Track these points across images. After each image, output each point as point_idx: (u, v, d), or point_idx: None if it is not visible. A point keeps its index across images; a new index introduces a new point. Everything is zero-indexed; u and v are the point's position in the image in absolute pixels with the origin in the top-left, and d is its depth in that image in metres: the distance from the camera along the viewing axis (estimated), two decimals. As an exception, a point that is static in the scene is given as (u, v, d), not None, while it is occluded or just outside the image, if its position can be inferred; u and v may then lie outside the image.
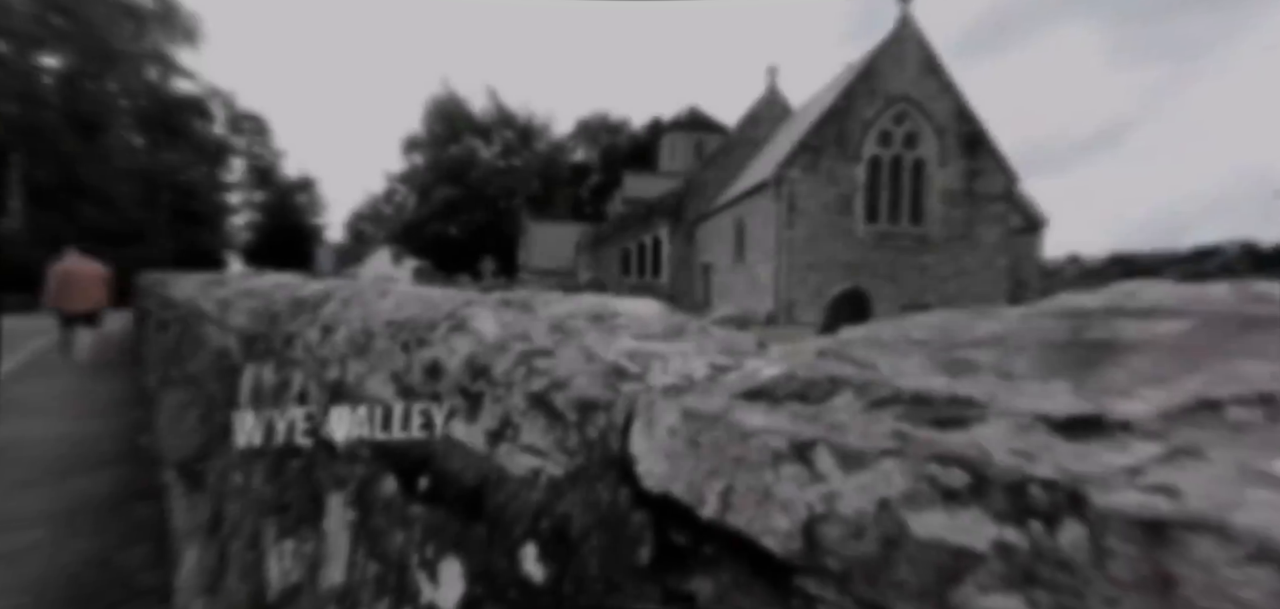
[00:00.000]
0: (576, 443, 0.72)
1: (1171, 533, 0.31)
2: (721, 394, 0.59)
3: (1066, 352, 0.52)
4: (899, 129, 19.06)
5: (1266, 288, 0.60)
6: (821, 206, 18.83)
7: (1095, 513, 0.34)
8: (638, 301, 1.13)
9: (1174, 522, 0.31)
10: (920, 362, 0.56)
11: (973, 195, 19.04)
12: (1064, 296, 0.66)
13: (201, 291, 4.85)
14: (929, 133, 18.94)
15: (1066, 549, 0.35)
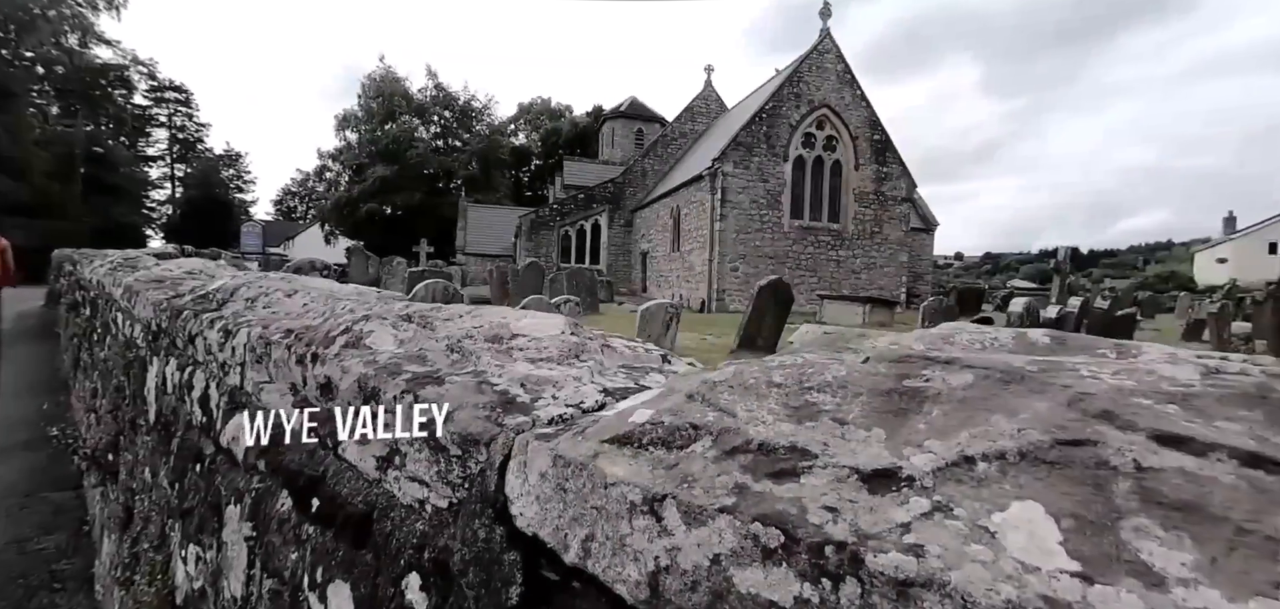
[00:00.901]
0: (459, 476, 0.74)
1: (913, 591, 0.37)
2: (593, 438, 0.62)
3: (889, 399, 0.59)
4: (820, 133, 20.20)
5: (1036, 337, 0.70)
6: (752, 201, 19.53)
7: (867, 572, 0.40)
8: (540, 318, 1.14)
9: (915, 581, 0.38)
10: (775, 405, 0.62)
11: (881, 197, 20.63)
12: (900, 339, 0.74)
13: (111, 275, 4.48)
14: (846, 138, 20.18)
15: (845, 606, 0.40)
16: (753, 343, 9.47)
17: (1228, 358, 0.61)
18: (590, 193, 28.52)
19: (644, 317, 8.72)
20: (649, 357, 1.24)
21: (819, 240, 20.36)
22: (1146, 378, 0.54)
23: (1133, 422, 0.46)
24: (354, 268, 22.88)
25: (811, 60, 20.31)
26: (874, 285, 20.02)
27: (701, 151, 24.33)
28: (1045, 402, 0.51)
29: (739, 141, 19.62)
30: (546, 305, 9.72)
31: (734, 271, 19.40)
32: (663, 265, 24.24)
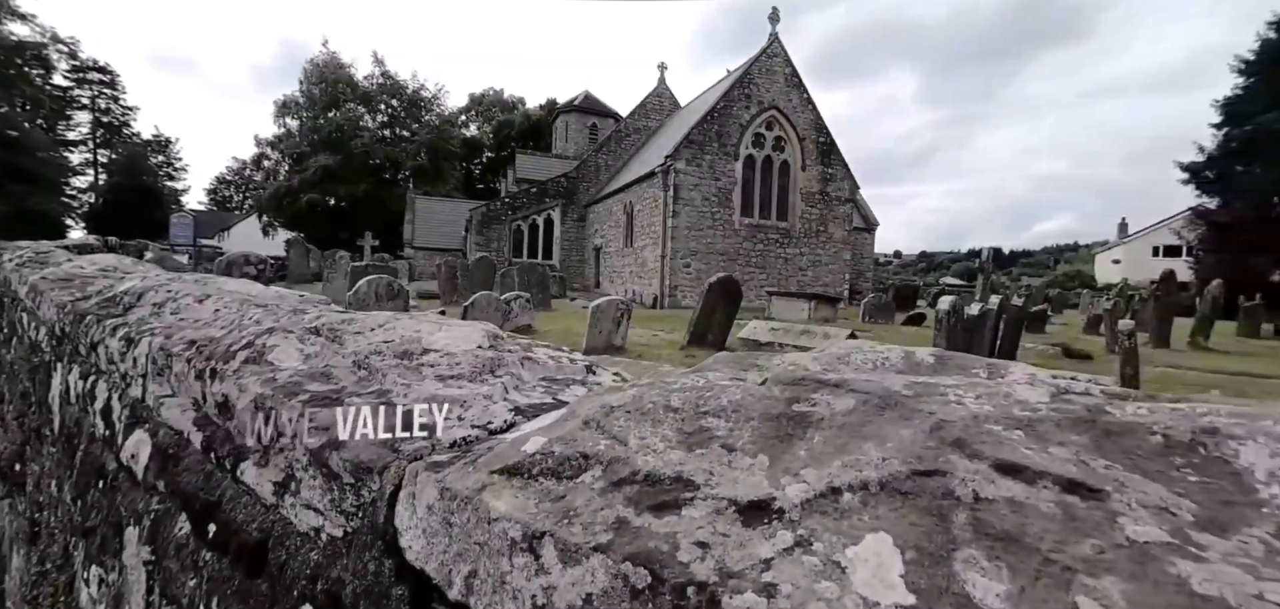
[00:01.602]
0: (353, 505, 0.71)
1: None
2: (483, 469, 0.62)
3: (778, 424, 0.61)
4: (770, 134, 20.69)
5: (923, 356, 0.74)
6: (704, 198, 19.79)
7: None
8: (457, 329, 1.11)
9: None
10: (669, 431, 0.63)
11: (826, 197, 21.35)
12: (799, 358, 0.77)
13: (18, 272, 4.13)
14: (794, 139, 20.73)
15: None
16: (703, 338, 9.59)
17: (1076, 379, 0.66)
18: (543, 187, 28.20)
19: (595, 313, 8.69)
20: (572, 368, 1.24)
21: (768, 238, 20.81)
22: (1003, 402, 0.58)
23: (980, 451, 0.48)
24: (293, 261, 21.87)
25: (761, 63, 20.69)
26: (820, 282, 20.64)
27: (655, 148, 24.44)
28: (911, 429, 0.53)
29: (691, 139, 19.80)
30: (495, 302, 9.56)
31: (686, 268, 19.60)
32: (616, 261, 24.23)
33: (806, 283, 20.29)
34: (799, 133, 20.86)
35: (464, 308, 9.03)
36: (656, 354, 8.60)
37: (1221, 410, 0.53)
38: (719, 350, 9.63)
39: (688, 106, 27.15)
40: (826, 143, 21.28)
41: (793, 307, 16.23)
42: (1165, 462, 0.48)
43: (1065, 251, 71.27)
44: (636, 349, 8.90)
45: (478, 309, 9.00)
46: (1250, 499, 0.44)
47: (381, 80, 44.49)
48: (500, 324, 9.51)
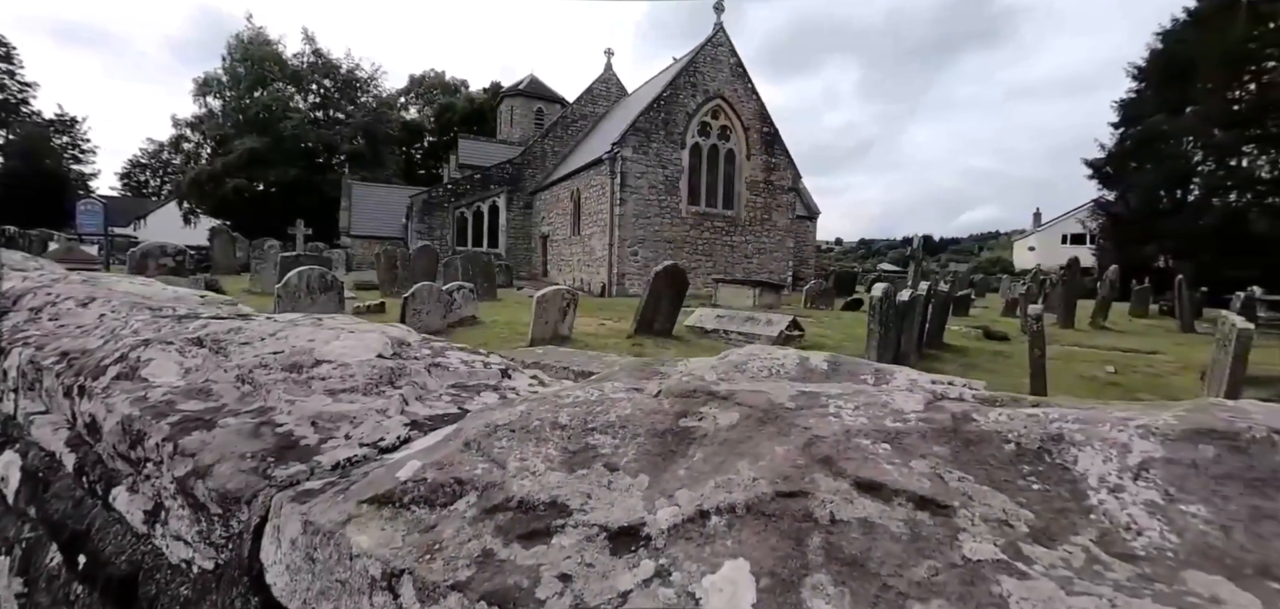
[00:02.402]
0: (222, 537, 0.67)
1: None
2: (353, 498, 0.58)
3: (664, 440, 0.61)
4: (716, 123, 20.94)
5: (817, 362, 0.76)
6: (650, 186, 19.83)
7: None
8: (356, 338, 1.06)
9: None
10: (553, 450, 0.61)
11: (770, 186, 21.86)
12: (694, 369, 0.77)
13: None
14: (739, 129, 21.05)
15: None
16: (650, 327, 9.64)
17: (953, 383, 0.69)
18: (488, 173, 27.52)
19: (540, 303, 8.58)
20: (486, 373, 1.20)
21: (714, 226, 21.08)
22: (879, 412, 0.60)
23: (844, 469, 0.50)
24: (218, 252, 20.57)
25: (706, 52, 20.82)
26: (765, 269, 21.12)
27: (602, 135, 24.26)
28: (786, 445, 0.54)
29: (638, 127, 19.76)
30: (437, 293, 9.29)
31: (634, 256, 19.61)
32: (563, 249, 23.99)
33: (752, 270, 20.72)
34: (744, 122, 21.18)
35: (404, 299, 8.73)
36: (603, 344, 8.59)
37: (1069, 416, 0.56)
38: (666, 338, 9.70)
39: (635, 94, 27.05)
40: (770, 133, 21.69)
41: (739, 294, 16.53)
42: (1015, 470, 0.50)
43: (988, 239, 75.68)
44: (583, 339, 8.86)
45: (418, 300, 8.73)
46: (1082, 506, 0.46)
47: (312, 58, 42.21)
48: (443, 315, 9.24)
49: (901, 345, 7.81)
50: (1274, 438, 0.48)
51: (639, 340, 8.92)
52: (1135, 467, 0.49)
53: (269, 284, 11.68)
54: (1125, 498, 0.46)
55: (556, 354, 6.79)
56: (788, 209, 22.40)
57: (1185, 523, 0.44)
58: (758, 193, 21.68)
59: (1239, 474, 0.46)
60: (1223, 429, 0.50)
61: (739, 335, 9.34)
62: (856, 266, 37.36)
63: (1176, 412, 0.54)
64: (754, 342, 8.75)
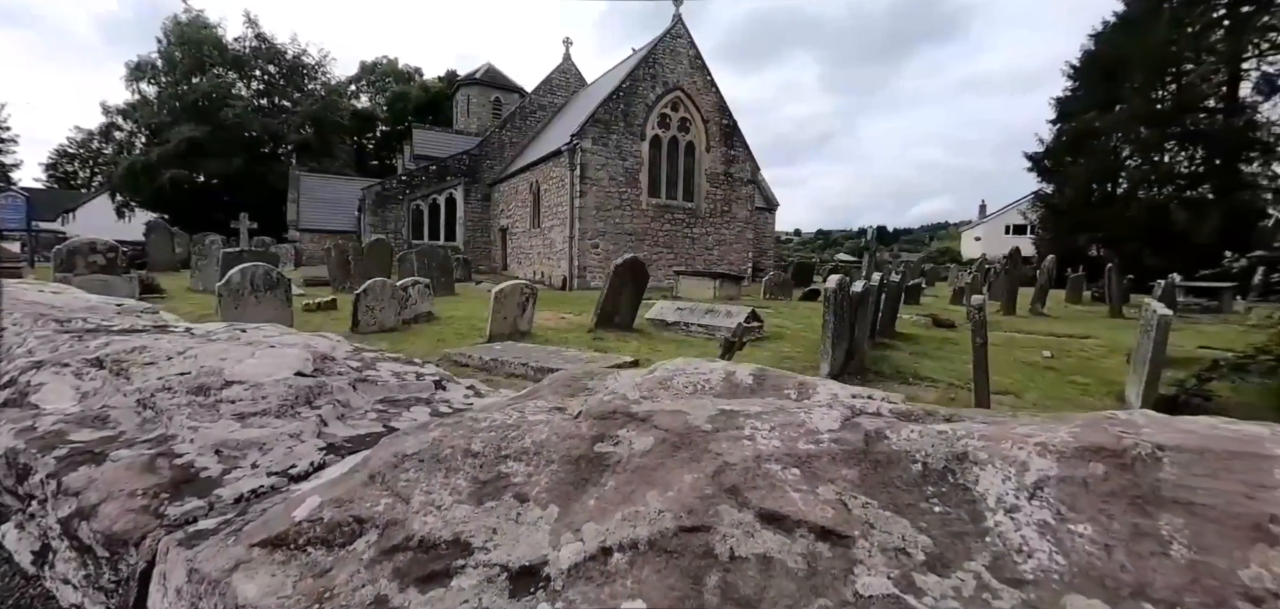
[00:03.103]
0: (111, 581, 0.62)
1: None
2: (244, 542, 0.55)
3: (577, 468, 0.59)
4: (675, 115, 21.00)
5: (742, 377, 0.76)
6: (611, 178, 19.76)
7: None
8: (274, 353, 1.01)
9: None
10: (463, 481, 0.59)
11: (730, 178, 22.10)
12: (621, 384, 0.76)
13: None
14: (698, 121, 21.18)
15: None
16: (611, 320, 9.62)
17: (872, 397, 0.70)
18: (444, 164, 26.88)
19: (498, 298, 8.44)
20: (419, 384, 1.16)
21: (675, 218, 21.17)
22: (795, 432, 0.60)
23: (749, 499, 0.49)
24: (155, 248, 19.47)
25: (665, 43, 20.81)
26: (725, 261, 21.35)
27: (561, 126, 24.00)
28: (695, 474, 0.54)
29: (597, 118, 19.62)
30: (391, 289, 9.02)
31: (595, 248, 19.52)
32: (523, 242, 23.69)
33: (712, 262, 20.91)
34: (703, 114, 21.28)
35: (356, 296, 8.45)
36: (563, 339, 8.52)
37: (975, 433, 0.57)
38: (627, 332, 9.69)
39: (594, 84, 26.85)
40: (729, 125, 21.87)
41: (699, 286, 16.66)
42: (919, 492, 0.51)
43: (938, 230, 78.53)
44: (543, 334, 8.77)
45: (372, 297, 8.46)
46: (978, 528, 0.47)
47: (255, 43, 40.26)
48: (397, 312, 8.98)
49: (855, 335, 8.01)
50: (1158, 454, 0.50)
51: (600, 334, 8.89)
52: (1031, 485, 0.50)
53: (211, 282, 11.12)
54: (1020, 518, 0.48)
55: (515, 350, 6.70)
56: (747, 201, 22.68)
57: (1072, 544, 0.45)
58: (717, 185, 21.87)
59: (1124, 491, 0.48)
60: (1111, 447, 0.52)
61: (699, 328, 9.42)
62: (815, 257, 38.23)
63: (1072, 428, 0.56)
64: (714, 334, 8.83)
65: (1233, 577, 0.40)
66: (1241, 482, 0.45)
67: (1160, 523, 0.45)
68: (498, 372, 5.87)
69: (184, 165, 35.33)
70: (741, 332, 9.08)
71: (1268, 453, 0.47)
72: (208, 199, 35.38)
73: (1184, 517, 0.44)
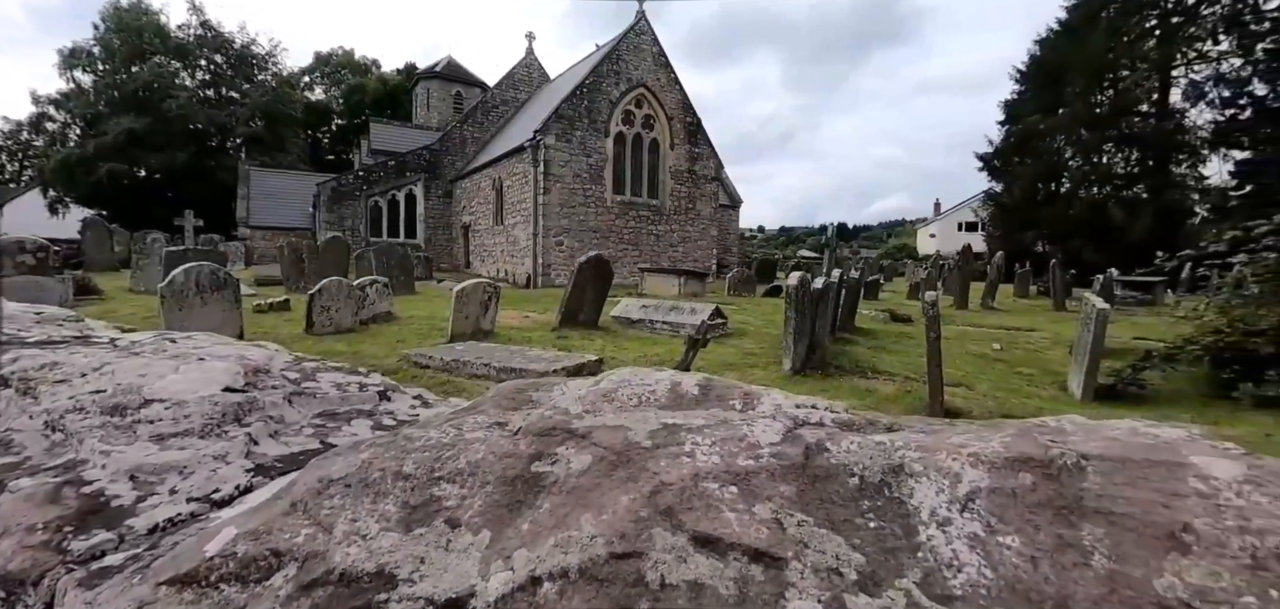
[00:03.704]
0: (1, 628, 0.57)
1: None
2: (151, 580, 0.51)
3: (513, 489, 0.57)
4: (639, 112, 21.02)
5: (688, 387, 0.75)
6: (575, 175, 19.65)
7: None
8: (201, 367, 0.95)
9: None
10: (392, 506, 0.56)
11: (694, 175, 22.31)
12: (564, 398, 0.74)
13: None
14: (662, 118, 21.26)
15: None
16: (575, 318, 9.56)
17: (815, 406, 0.70)
18: (403, 159, 26.22)
19: (460, 297, 8.28)
20: (362, 396, 1.12)
21: (640, 215, 21.19)
22: (736, 447, 0.59)
23: (684, 521, 0.48)
24: (91, 246, 18.43)
25: (629, 40, 20.78)
26: (690, 258, 21.50)
27: (524, 121, 23.73)
28: (631, 495, 0.52)
29: (561, 114, 19.46)
30: (347, 289, 8.74)
31: (559, 246, 19.38)
32: (486, 239, 23.33)
33: (677, 259, 21.02)
34: (667, 112, 21.35)
35: (310, 296, 8.15)
36: (527, 338, 8.42)
37: (912, 444, 0.58)
38: (592, 329, 9.64)
39: (557, 80, 26.63)
40: (693, 122, 22.00)
41: (664, 283, 16.72)
42: (855, 507, 0.51)
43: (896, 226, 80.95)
44: (506, 333, 8.65)
45: (327, 296, 8.18)
46: (911, 543, 0.48)
47: (200, 31, 38.46)
48: (354, 312, 8.71)
49: (816, 330, 8.17)
50: (1082, 463, 0.51)
51: (564, 333, 8.82)
52: (964, 497, 0.51)
53: (152, 282, 10.56)
54: (952, 532, 0.48)
55: (477, 350, 6.58)
56: (711, 198, 22.88)
57: (1001, 556, 0.45)
58: (682, 182, 21.99)
59: (1050, 502, 0.49)
60: (1039, 457, 0.53)
61: (664, 325, 9.44)
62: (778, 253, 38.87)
63: (1004, 437, 0.57)
64: (679, 332, 8.87)
65: (1148, 587, 0.41)
66: (1157, 490, 0.47)
67: (1083, 533, 0.46)
68: (459, 372, 5.76)
69: (123, 159, 33.51)
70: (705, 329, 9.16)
71: (1183, 459, 0.49)
72: (150, 195, 33.65)
73: (1105, 527, 0.45)
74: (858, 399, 5.05)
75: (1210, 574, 0.40)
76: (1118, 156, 26.04)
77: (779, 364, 6.40)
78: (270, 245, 23.82)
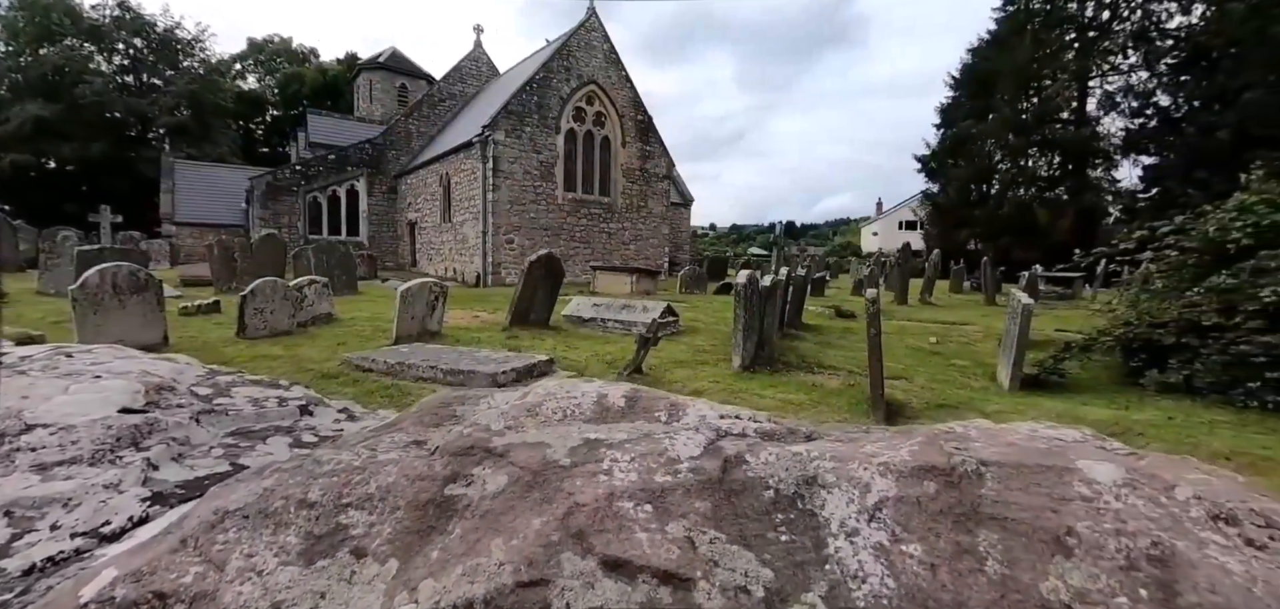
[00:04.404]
0: None
1: None
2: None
3: (424, 514, 0.55)
4: (590, 109, 20.93)
5: (615, 399, 0.75)
6: (525, 171, 19.38)
7: None
8: (94, 387, 0.88)
9: None
10: (294, 537, 0.53)
11: (646, 174, 22.39)
12: (485, 414, 0.72)
13: None
14: (613, 116, 21.25)
15: None
16: (526, 318, 9.43)
17: (738, 416, 0.71)
18: (345, 153, 25.18)
19: (405, 297, 8.03)
20: (282, 411, 1.06)
21: (591, 213, 21.09)
22: (655, 463, 0.59)
23: (594, 544, 0.48)
24: (-11, 243, 16.84)
25: (580, 36, 20.63)
26: (642, 256, 21.56)
27: (472, 116, 23.21)
28: (545, 517, 0.51)
29: (510, 110, 19.13)
30: (283, 290, 8.32)
31: (509, 244, 19.07)
32: (433, 237, 22.71)
33: (629, 257, 21.05)
34: (619, 109, 21.31)
35: (242, 297, 7.72)
36: (476, 338, 8.24)
37: (828, 453, 0.59)
38: (543, 329, 9.52)
39: (506, 75, 26.17)
40: (645, 121, 22.05)
41: (616, 281, 16.71)
42: (768, 520, 0.52)
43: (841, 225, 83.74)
44: (454, 334, 8.44)
45: (261, 298, 7.76)
46: (820, 556, 0.48)
47: (117, 11, 35.85)
48: (291, 314, 8.30)
49: (765, 327, 8.35)
50: (982, 470, 0.54)
51: (515, 333, 8.68)
52: (872, 507, 0.52)
53: (63, 284, 9.74)
54: (859, 542, 0.49)
55: (424, 352, 6.38)
56: (663, 196, 23.01)
57: (903, 565, 0.47)
58: (633, 180, 22.02)
59: (951, 509, 0.51)
60: (942, 465, 0.55)
61: (616, 324, 9.43)
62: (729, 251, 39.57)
63: (912, 445, 0.59)
64: (631, 330, 8.88)
65: (1034, 591, 0.43)
66: (1047, 495, 0.49)
67: (979, 540, 0.48)
68: (404, 376, 5.58)
69: (29, 149, 30.88)
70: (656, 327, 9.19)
71: (1071, 464, 0.52)
72: (61, 188, 31.16)
73: (999, 532, 0.47)
74: (805, 394, 5.18)
75: (1089, 577, 0.42)
76: (1042, 160, 27.84)
77: (729, 361, 6.50)
78: (199, 243, 22.47)
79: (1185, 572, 0.41)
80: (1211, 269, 5.66)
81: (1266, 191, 5.87)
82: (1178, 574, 0.41)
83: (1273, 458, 3.65)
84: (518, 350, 6.81)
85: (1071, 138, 26.50)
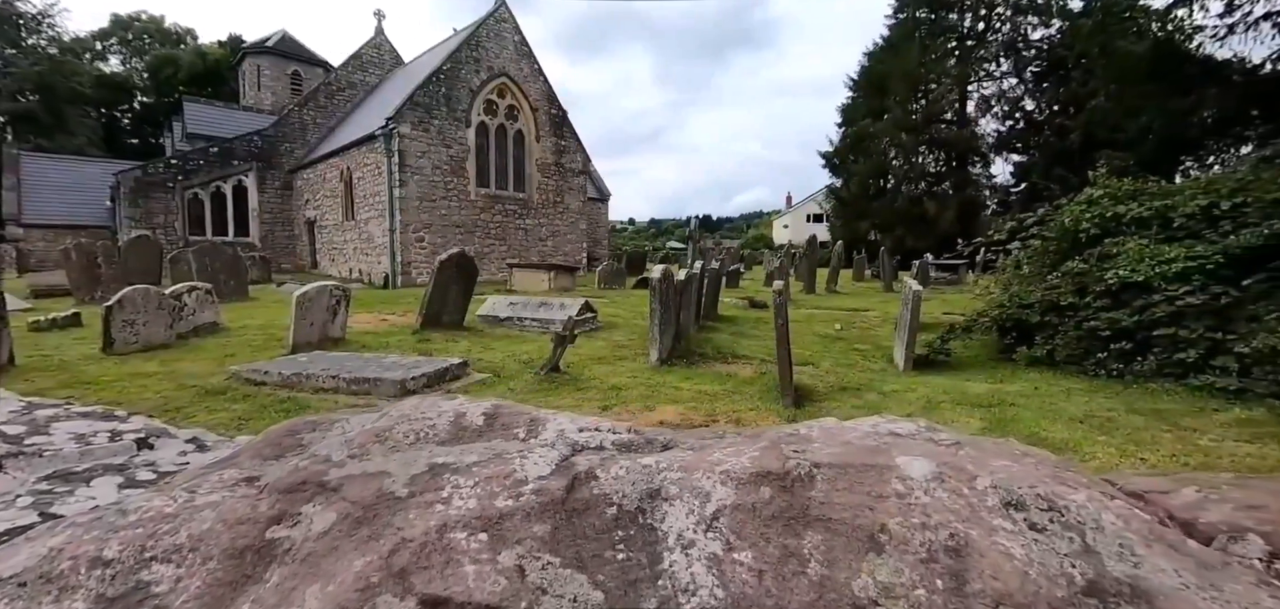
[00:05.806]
0: None
1: None
2: None
3: (241, 562, 0.50)
4: (502, 102, 20.43)
5: (473, 418, 0.72)
6: (434, 166, 18.59)
7: None
8: None
9: None
10: (79, 604, 0.46)
11: (561, 168, 22.21)
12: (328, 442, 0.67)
13: None
14: (526, 109, 20.88)
15: None
16: (438, 320, 9.06)
17: (599, 428, 0.70)
18: (230, 145, 23.02)
19: (302, 303, 7.45)
20: (115, 446, 0.95)
21: (506, 209, 20.59)
22: (499, 486, 0.57)
23: (414, 584, 0.45)
24: None
25: (489, 27, 20.01)
26: (559, 252, 21.32)
27: (375, 107, 21.93)
28: (369, 556, 0.48)
29: (417, 101, 18.25)
30: (157, 298, 7.48)
31: (419, 242, 18.24)
32: (335, 236, 21.30)
33: (547, 253, 20.75)
34: (531, 103, 20.90)
35: (108, 308, 6.86)
36: (384, 343, 7.82)
37: (675, 464, 0.60)
38: (457, 330, 9.19)
39: (412, 64, 24.92)
40: (559, 114, 21.78)
41: (533, 278, 16.42)
42: (608, 539, 0.51)
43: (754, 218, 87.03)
44: (360, 339, 7.96)
45: (130, 308, 6.94)
46: (654, 572, 0.49)
47: (-60, -19, 30.89)
48: (168, 325, 7.49)
49: (681, 320, 8.51)
50: (813, 472, 0.56)
51: (426, 335, 8.32)
52: (710, 516, 0.53)
53: None
54: (693, 554, 0.50)
55: (325, 361, 5.96)
56: (580, 191, 22.85)
57: (733, 574, 0.48)
58: (549, 175, 21.70)
59: (782, 514, 0.53)
60: (778, 470, 0.57)
61: (533, 322, 9.27)
62: (648, 245, 40.04)
63: (754, 451, 0.61)
64: (548, 328, 8.76)
65: (847, 589, 0.46)
66: (866, 494, 0.52)
67: (805, 542, 0.50)
68: (302, 387, 5.20)
69: None
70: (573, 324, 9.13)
71: (891, 462, 0.55)
72: None
73: (823, 533, 0.50)
74: (719, 384, 5.33)
75: (895, 572, 0.45)
76: (930, 158, 30.33)
77: (647, 356, 6.56)
78: (53, 247, 19.83)
79: (975, 560, 0.45)
80: (1067, 255, 6.37)
81: (1109, 187, 6.69)
82: (969, 563, 0.45)
83: (1114, 420, 4.18)
84: (429, 354, 6.53)
85: (954, 137, 29.05)
